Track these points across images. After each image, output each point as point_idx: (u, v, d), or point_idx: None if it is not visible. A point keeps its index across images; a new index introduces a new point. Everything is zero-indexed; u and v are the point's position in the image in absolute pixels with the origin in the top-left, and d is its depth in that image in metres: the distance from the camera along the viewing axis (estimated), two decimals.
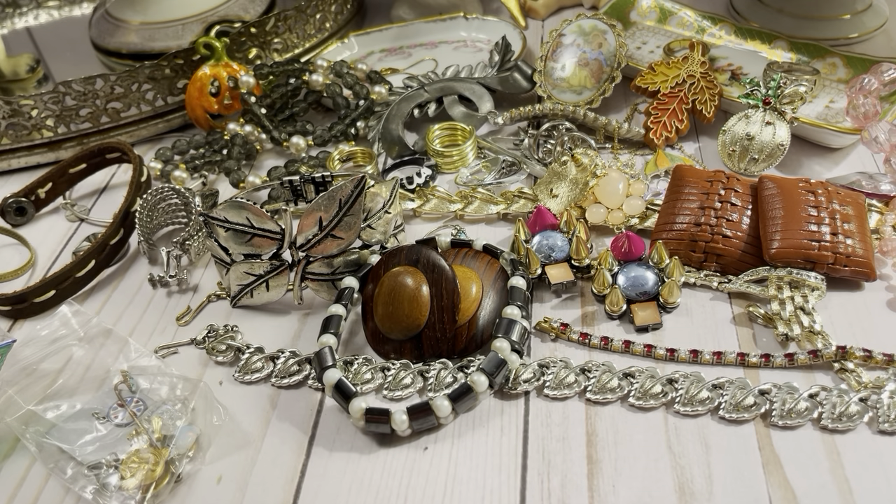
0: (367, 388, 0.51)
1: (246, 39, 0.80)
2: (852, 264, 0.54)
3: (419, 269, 0.52)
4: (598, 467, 0.45)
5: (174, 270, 0.61)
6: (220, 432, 0.49)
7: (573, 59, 0.73)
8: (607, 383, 0.49)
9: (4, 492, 0.48)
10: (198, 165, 0.72)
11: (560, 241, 0.57)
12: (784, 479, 0.44)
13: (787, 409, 0.47)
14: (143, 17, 0.85)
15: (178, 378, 0.52)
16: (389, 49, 0.88)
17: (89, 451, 0.48)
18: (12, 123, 0.75)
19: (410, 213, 0.65)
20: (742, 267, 0.56)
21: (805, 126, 0.66)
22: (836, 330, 0.52)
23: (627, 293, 0.54)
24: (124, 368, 0.52)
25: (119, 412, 0.50)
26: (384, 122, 0.73)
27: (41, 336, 0.55)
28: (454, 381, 0.51)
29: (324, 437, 0.49)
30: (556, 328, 0.54)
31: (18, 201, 0.70)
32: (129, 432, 0.49)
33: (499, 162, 0.69)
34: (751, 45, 0.79)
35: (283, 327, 0.57)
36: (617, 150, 0.70)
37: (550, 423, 0.48)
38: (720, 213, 0.56)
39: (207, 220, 0.54)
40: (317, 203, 0.53)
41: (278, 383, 0.52)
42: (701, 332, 0.53)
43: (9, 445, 0.50)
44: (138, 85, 0.76)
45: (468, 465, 0.46)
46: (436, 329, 0.52)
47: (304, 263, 0.56)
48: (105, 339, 0.56)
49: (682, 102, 0.69)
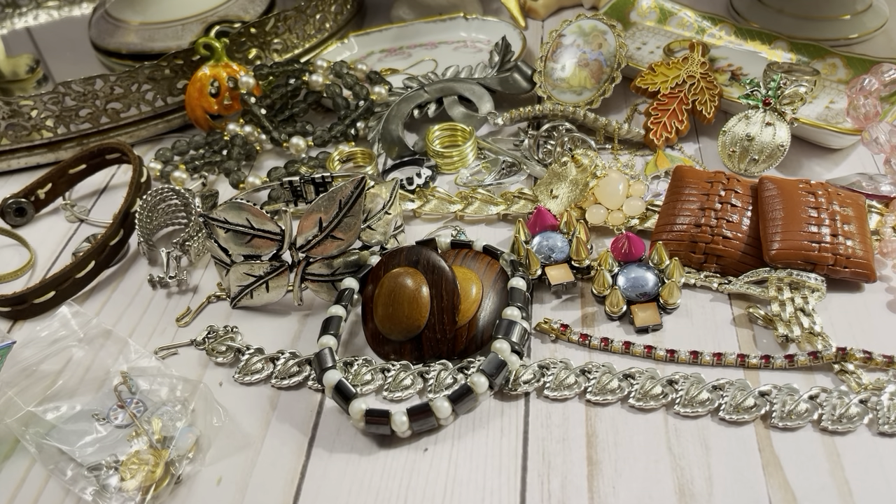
0: (367, 389, 0.51)
1: (246, 40, 0.80)
2: (852, 266, 0.54)
3: (419, 270, 0.52)
4: (598, 468, 0.45)
5: (174, 271, 0.61)
6: (220, 433, 0.49)
7: (573, 60, 0.73)
8: (607, 384, 0.49)
9: (4, 493, 0.48)
10: (198, 166, 0.72)
11: (560, 242, 0.57)
12: (784, 480, 0.44)
13: (787, 411, 0.47)
14: (142, 18, 0.85)
15: (177, 379, 0.52)
16: (389, 49, 0.88)
17: (89, 452, 0.48)
18: (12, 124, 0.75)
19: (410, 214, 0.65)
20: (742, 268, 0.56)
21: (805, 127, 0.66)
22: (836, 331, 0.52)
23: (627, 294, 0.54)
24: (124, 369, 0.52)
25: (119, 413, 0.50)
26: (384, 122, 0.73)
27: (41, 337, 0.55)
28: (454, 383, 0.51)
29: (324, 439, 0.49)
30: (556, 329, 0.54)
31: (18, 202, 0.69)
32: (128, 433, 0.49)
33: (499, 163, 0.69)
34: (751, 46, 0.79)
35: (283, 328, 0.57)
36: (617, 150, 0.70)
37: (550, 425, 0.48)
38: (720, 214, 0.56)
39: (207, 220, 0.54)
40: (317, 204, 0.53)
41: (278, 384, 0.52)
42: (701, 333, 0.53)
43: (9, 447, 0.50)
44: (138, 85, 0.76)
45: (468, 467, 0.46)
46: (436, 330, 0.52)
47: (304, 264, 0.56)
48: (105, 340, 0.56)
49: (682, 103, 0.69)
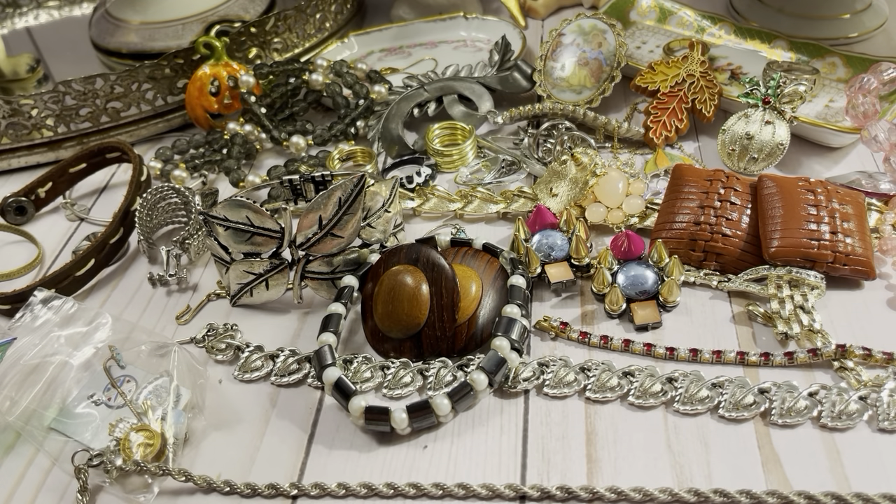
0: (366, 386, 0.51)
1: (246, 39, 0.80)
2: (852, 263, 0.54)
3: (419, 267, 0.52)
4: (597, 466, 0.45)
5: (174, 269, 0.61)
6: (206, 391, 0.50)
7: (573, 59, 0.73)
8: (607, 382, 0.49)
9: (7, 483, 0.48)
10: (198, 165, 0.72)
11: (560, 240, 0.57)
12: (783, 477, 0.44)
13: (786, 408, 0.47)
14: (143, 17, 0.85)
15: (152, 342, 0.53)
16: (389, 49, 0.88)
17: (88, 436, 0.49)
18: (12, 123, 0.75)
19: (410, 212, 0.65)
20: (741, 266, 0.56)
21: (804, 125, 0.66)
22: (835, 328, 0.52)
23: (627, 292, 0.54)
24: (111, 344, 0.52)
25: (112, 393, 0.51)
26: (384, 121, 0.74)
27: (22, 326, 0.55)
28: (454, 380, 0.51)
29: (323, 436, 0.49)
30: (555, 327, 0.54)
31: (18, 201, 0.70)
32: (124, 413, 0.49)
33: (498, 161, 0.69)
34: (750, 45, 0.79)
35: (283, 326, 0.57)
36: (616, 149, 0.70)
37: (550, 422, 0.48)
38: (720, 212, 0.56)
39: (207, 218, 0.54)
40: (316, 202, 0.53)
41: (278, 382, 0.52)
42: (700, 330, 0.53)
43: (12, 437, 0.50)
44: (138, 84, 0.76)
45: (468, 464, 0.46)
46: (435, 328, 0.52)
47: (304, 262, 0.56)
48: (82, 316, 0.56)
49: (681, 102, 0.69)
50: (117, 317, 0.55)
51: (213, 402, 0.51)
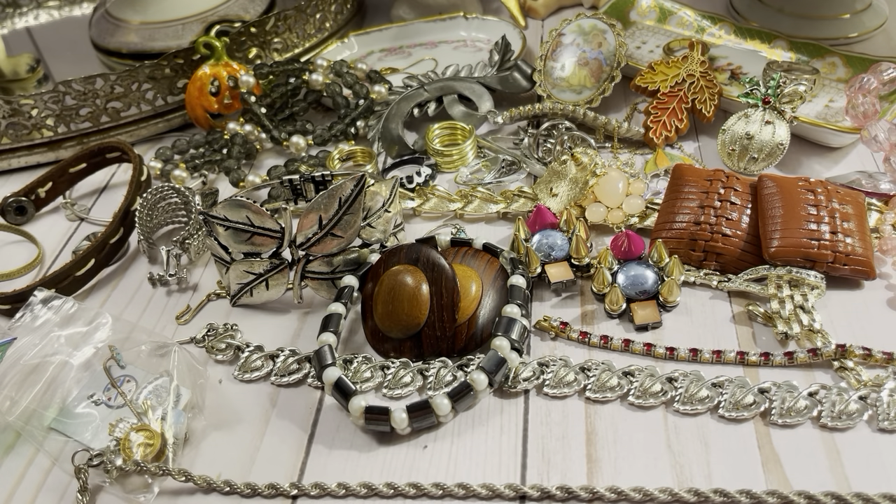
0: (366, 386, 0.51)
1: (246, 39, 0.80)
2: (852, 263, 0.54)
3: (419, 267, 0.52)
4: (597, 466, 0.45)
5: (174, 269, 0.61)
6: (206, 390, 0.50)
7: (573, 59, 0.73)
8: (607, 382, 0.49)
9: (7, 483, 0.48)
10: (198, 165, 0.72)
11: (560, 240, 0.57)
12: (783, 477, 0.44)
13: (786, 408, 0.47)
14: (143, 17, 0.85)
15: (152, 342, 0.53)
16: (389, 49, 0.88)
17: (88, 436, 0.49)
18: (12, 123, 0.75)
19: (410, 212, 0.65)
20: (741, 266, 0.56)
21: (804, 125, 0.66)
22: (835, 328, 0.52)
23: (627, 292, 0.54)
24: (111, 344, 0.52)
25: (112, 393, 0.51)
26: (384, 121, 0.74)
27: (22, 326, 0.55)
28: (454, 380, 0.51)
29: (323, 436, 0.49)
30: (555, 327, 0.54)
31: (18, 201, 0.70)
32: (124, 413, 0.49)
33: (498, 161, 0.69)
34: (750, 45, 0.79)
35: (283, 326, 0.57)
36: (616, 149, 0.70)
37: (550, 422, 0.48)
38: (720, 211, 0.56)
39: (207, 218, 0.54)
40: (317, 202, 0.53)
41: (278, 382, 0.52)
42: (700, 330, 0.53)
43: (12, 437, 0.50)
44: (138, 84, 0.76)
45: (468, 464, 0.46)
46: (435, 328, 0.52)
47: (304, 262, 0.56)
48: (82, 316, 0.56)
49: (681, 102, 0.69)
50: (117, 317, 0.55)
51: (213, 402, 0.51)
